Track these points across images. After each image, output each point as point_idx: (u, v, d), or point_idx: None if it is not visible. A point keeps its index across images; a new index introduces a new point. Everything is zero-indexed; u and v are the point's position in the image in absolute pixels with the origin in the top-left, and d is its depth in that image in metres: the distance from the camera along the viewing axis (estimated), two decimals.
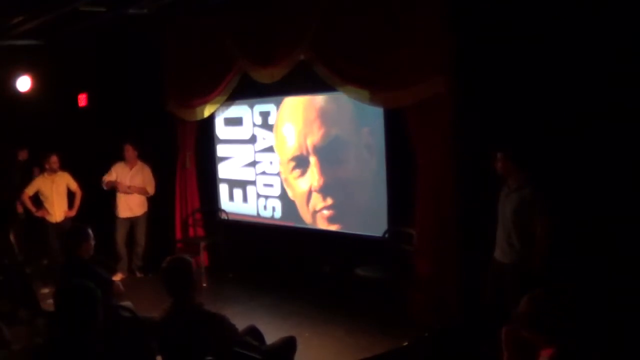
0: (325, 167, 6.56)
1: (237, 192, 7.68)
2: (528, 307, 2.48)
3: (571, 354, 2.40)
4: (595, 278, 4.15)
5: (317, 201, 6.70)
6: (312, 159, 6.65)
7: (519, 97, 4.66)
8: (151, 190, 7.64)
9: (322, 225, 6.68)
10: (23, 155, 8.18)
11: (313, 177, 6.68)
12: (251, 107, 7.30)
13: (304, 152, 6.71)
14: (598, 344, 2.49)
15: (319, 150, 6.56)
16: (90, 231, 4.77)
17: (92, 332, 2.91)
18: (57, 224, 7.41)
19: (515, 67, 4.65)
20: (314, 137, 6.59)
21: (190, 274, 3.43)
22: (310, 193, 6.75)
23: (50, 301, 4.83)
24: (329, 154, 6.50)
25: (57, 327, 2.97)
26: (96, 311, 2.93)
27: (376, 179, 6.10)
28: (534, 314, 2.45)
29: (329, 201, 6.60)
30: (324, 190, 6.62)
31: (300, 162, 6.78)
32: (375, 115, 5.98)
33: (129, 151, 7.53)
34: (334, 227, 6.59)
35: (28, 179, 7.72)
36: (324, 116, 6.51)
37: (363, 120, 6.14)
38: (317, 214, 6.72)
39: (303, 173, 6.78)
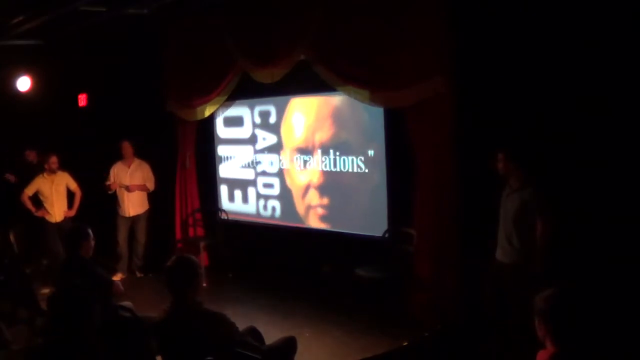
0: (326, 167, 6.55)
1: (237, 192, 7.68)
2: (545, 304, 2.46)
3: (572, 356, 2.40)
4: (595, 278, 4.15)
5: (313, 197, 6.71)
6: (317, 156, 6.64)
7: (519, 97, 4.66)
8: (151, 186, 7.65)
9: (313, 222, 6.71)
10: (32, 156, 8.17)
11: (314, 173, 6.67)
12: (251, 107, 7.30)
13: (310, 147, 6.70)
14: (599, 346, 2.49)
15: (325, 149, 6.55)
16: (90, 231, 4.77)
17: (89, 333, 2.91)
18: (57, 224, 7.42)
19: (516, 67, 4.65)
20: (323, 135, 6.56)
21: (195, 273, 3.44)
22: (308, 188, 6.75)
23: None
24: (330, 154, 6.48)
25: (53, 330, 2.96)
26: (91, 313, 2.92)
27: (376, 179, 6.10)
28: (549, 312, 2.44)
29: (325, 200, 6.61)
30: (322, 189, 6.62)
31: (304, 155, 6.78)
32: (376, 116, 5.97)
33: (127, 148, 7.55)
34: (324, 226, 6.62)
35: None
36: (327, 116, 6.49)
37: (364, 121, 6.13)
38: (311, 210, 6.74)
39: (304, 167, 6.78)
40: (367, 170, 6.18)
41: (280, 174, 7.10)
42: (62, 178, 7.53)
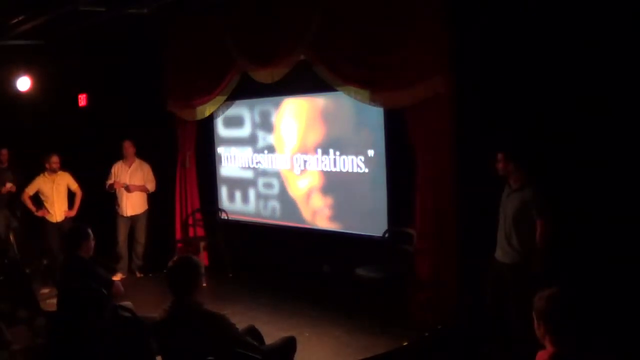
0: (326, 167, 6.56)
1: (237, 192, 7.68)
2: (545, 304, 2.46)
3: (571, 356, 2.40)
4: (595, 278, 4.15)
5: (318, 200, 6.70)
6: (313, 159, 6.65)
7: (519, 97, 4.66)
8: (151, 187, 7.64)
9: (322, 224, 6.69)
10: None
11: (314, 176, 6.68)
12: (251, 107, 7.30)
13: (305, 151, 6.71)
14: (598, 346, 2.49)
15: (325, 149, 6.55)
16: (90, 231, 4.77)
17: (94, 332, 2.92)
18: (57, 224, 7.42)
19: (515, 67, 4.65)
20: (316, 136, 6.58)
21: (197, 274, 3.45)
22: (310, 192, 6.75)
23: (50, 301, 4.86)
24: (330, 154, 6.49)
25: (59, 328, 2.97)
26: (102, 312, 2.93)
27: (376, 179, 6.11)
28: (549, 312, 2.44)
29: (329, 201, 6.61)
30: (325, 190, 6.62)
31: (301, 161, 6.79)
32: (376, 116, 5.98)
33: (128, 147, 7.54)
34: (334, 226, 6.59)
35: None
36: (327, 116, 6.51)
37: (364, 121, 6.15)
38: (318, 213, 6.73)
39: (303, 172, 6.78)
40: (367, 170, 6.19)
41: (280, 174, 7.10)
42: (63, 178, 7.54)
